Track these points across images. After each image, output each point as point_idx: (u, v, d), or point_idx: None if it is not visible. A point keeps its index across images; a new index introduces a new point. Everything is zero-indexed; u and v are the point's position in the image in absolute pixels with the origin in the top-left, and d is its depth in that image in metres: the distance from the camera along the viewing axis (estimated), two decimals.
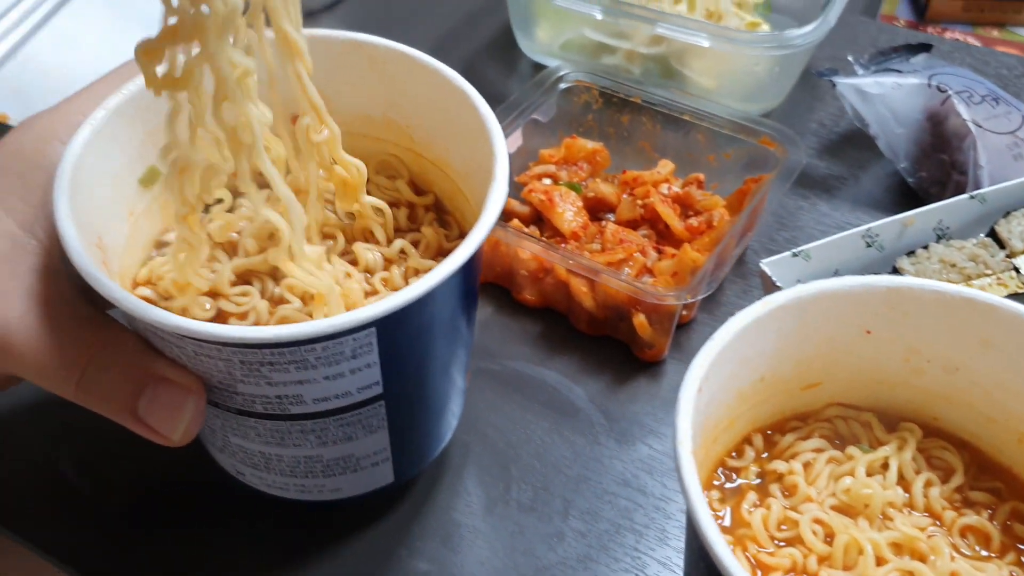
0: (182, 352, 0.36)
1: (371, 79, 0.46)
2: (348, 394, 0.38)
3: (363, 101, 0.46)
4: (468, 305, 0.42)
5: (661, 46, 0.72)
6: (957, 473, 0.40)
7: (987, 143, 0.63)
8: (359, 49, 0.46)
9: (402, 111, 0.47)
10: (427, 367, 0.41)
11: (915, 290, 0.39)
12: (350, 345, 0.36)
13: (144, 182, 0.43)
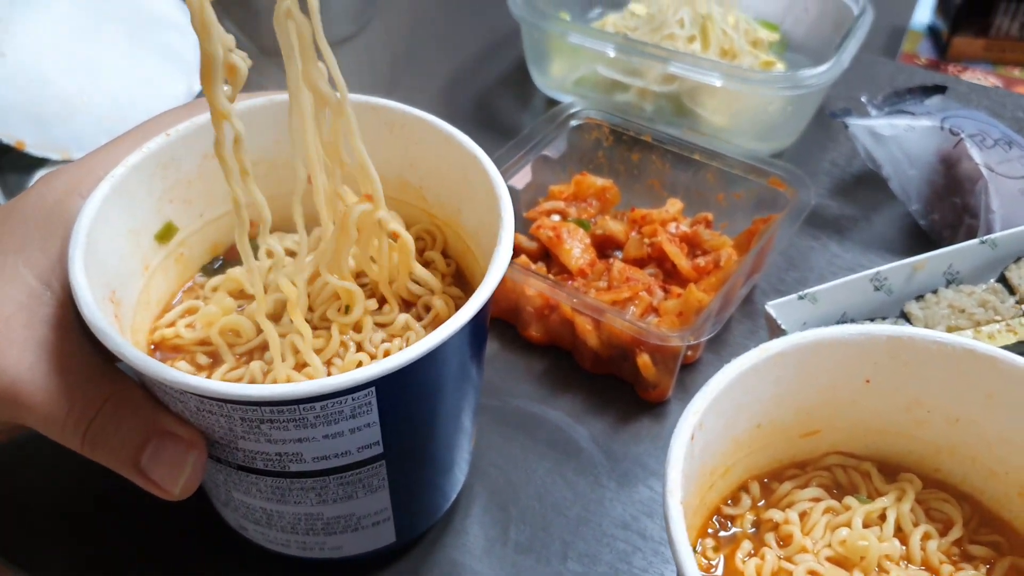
0: (185, 407, 0.37)
1: (388, 142, 0.47)
2: (348, 453, 0.38)
3: (378, 163, 0.45)
4: (474, 362, 0.42)
5: (674, 84, 0.72)
6: (956, 526, 0.39)
7: (999, 187, 0.62)
8: (376, 113, 0.47)
9: (416, 173, 0.48)
10: (430, 426, 0.42)
11: (916, 340, 0.38)
12: (349, 405, 0.36)
13: (160, 238, 0.44)
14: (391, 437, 0.39)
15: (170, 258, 0.45)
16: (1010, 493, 0.39)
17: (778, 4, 0.83)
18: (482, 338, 0.43)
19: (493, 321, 0.61)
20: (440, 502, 0.47)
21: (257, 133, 0.45)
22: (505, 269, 0.39)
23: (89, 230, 0.39)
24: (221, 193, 0.45)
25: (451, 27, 0.92)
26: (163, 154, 0.43)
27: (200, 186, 0.45)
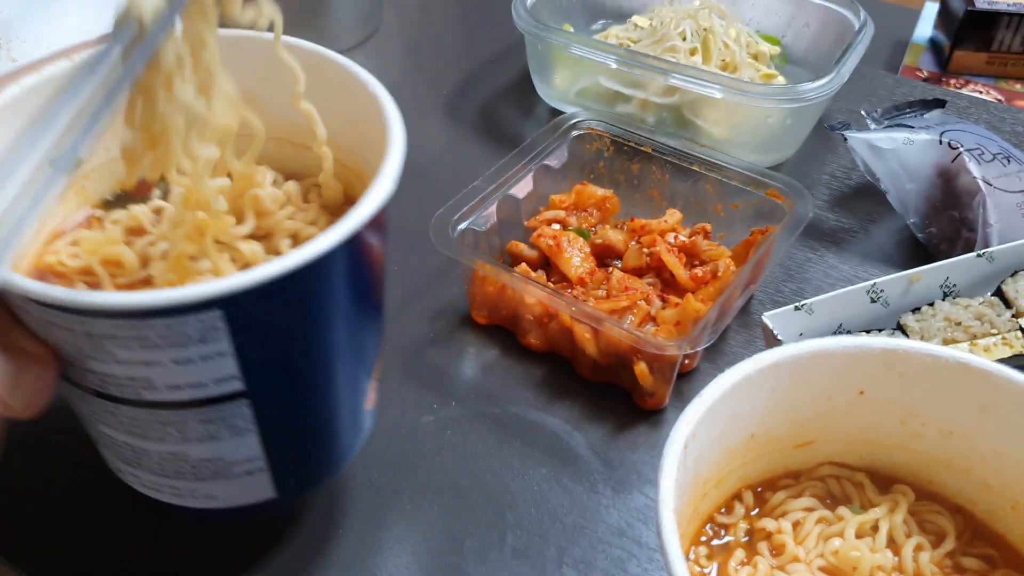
0: (31, 319, 0.34)
1: (284, 81, 0.43)
2: (203, 385, 0.35)
3: (290, 108, 0.43)
4: (360, 300, 0.38)
5: (675, 96, 0.73)
6: (949, 538, 0.39)
7: (997, 201, 0.63)
8: (294, 53, 0.42)
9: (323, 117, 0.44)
10: (303, 367, 0.38)
11: (911, 353, 0.39)
12: (194, 326, 0.33)
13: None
14: (253, 373, 0.35)
15: (69, 189, 0.43)
16: (1004, 506, 0.40)
17: (779, 18, 0.83)
18: (369, 271, 0.39)
19: (493, 328, 0.61)
20: (329, 458, 0.43)
21: None
22: (390, 187, 0.36)
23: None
24: None
25: (456, 37, 0.93)
26: (64, 78, 0.38)
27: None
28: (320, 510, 0.50)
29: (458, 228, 0.59)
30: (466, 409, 0.56)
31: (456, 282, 0.64)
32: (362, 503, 0.51)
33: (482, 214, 0.61)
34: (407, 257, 0.66)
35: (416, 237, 0.59)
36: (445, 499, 0.51)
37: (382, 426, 0.55)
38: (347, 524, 0.50)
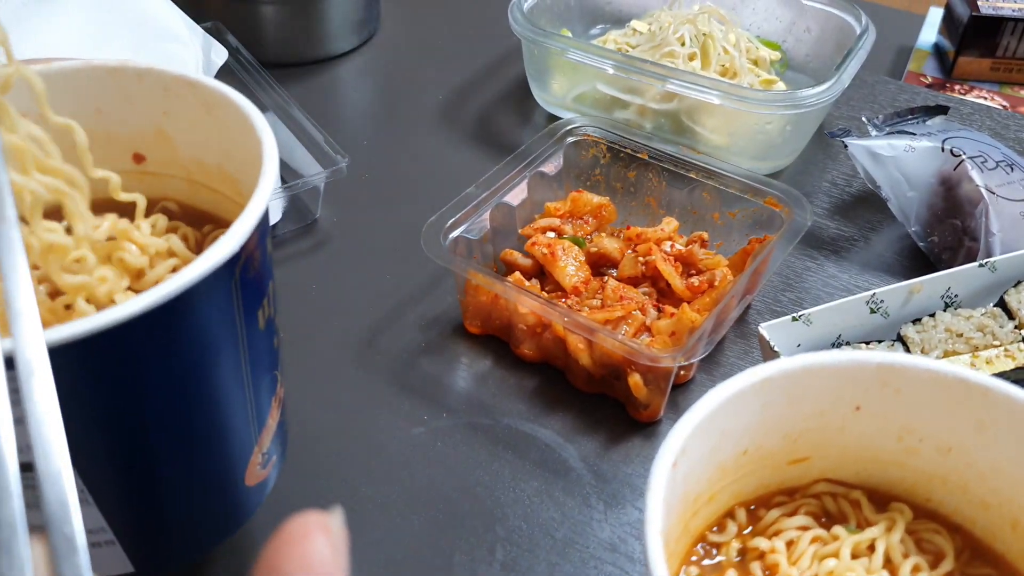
0: None
1: (207, 124, 0.41)
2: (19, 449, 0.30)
3: (200, 146, 0.41)
4: (231, 353, 0.34)
5: (673, 102, 0.72)
6: (947, 558, 0.38)
7: (1000, 210, 0.62)
8: (195, 90, 0.40)
9: (234, 163, 0.42)
10: (136, 440, 0.33)
11: (907, 368, 0.37)
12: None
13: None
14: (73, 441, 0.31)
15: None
16: (1003, 525, 0.39)
17: (780, 23, 0.82)
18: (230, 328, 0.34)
19: (486, 338, 0.60)
20: (190, 540, 0.39)
21: (72, 97, 0.40)
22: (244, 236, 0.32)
23: None
24: None
25: (452, 43, 0.92)
26: None
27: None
28: None
29: (450, 236, 0.58)
30: (457, 420, 0.55)
31: (449, 291, 0.63)
32: (349, 515, 0.50)
33: (475, 222, 0.60)
34: (400, 265, 0.65)
35: (409, 245, 0.58)
36: (434, 512, 0.50)
37: (371, 438, 0.54)
38: None
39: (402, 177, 0.74)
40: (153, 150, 0.44)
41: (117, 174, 0.39)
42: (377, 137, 0.79)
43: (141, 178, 0.45)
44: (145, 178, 0.44)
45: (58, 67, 0.39)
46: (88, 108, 0.42)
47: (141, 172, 0.44)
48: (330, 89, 0.85)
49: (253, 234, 0.33)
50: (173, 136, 0.43)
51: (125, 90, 0.41)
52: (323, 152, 0.67)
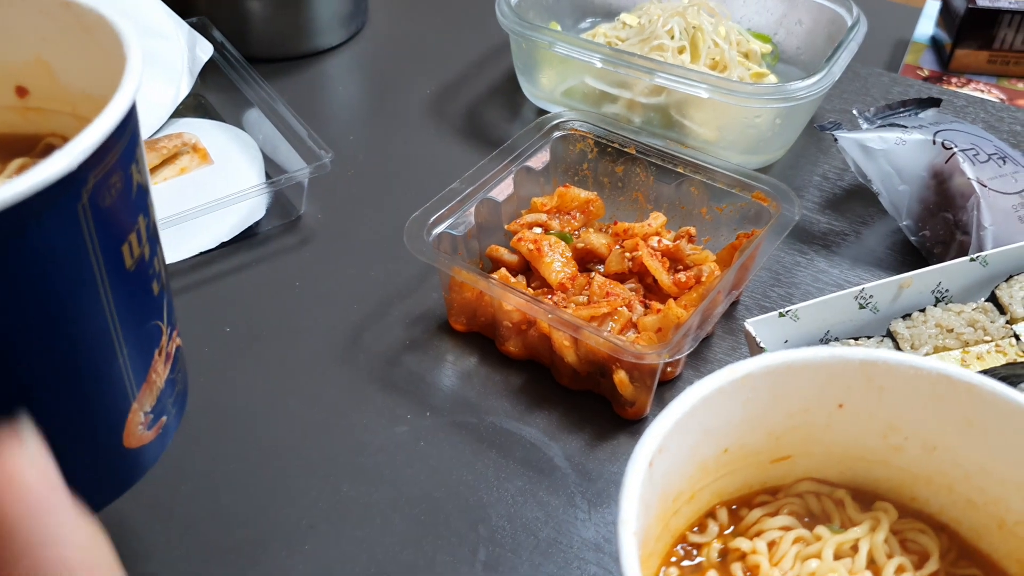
0: None
1: (92, 50, 0.37)
2: None
3: (87, 77, 0.39)
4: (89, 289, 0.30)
5: (661, 96, 0.71)
6: (932, 559, 0.37)
7: (992, 203, 0.61)
8: (66, 10, 0.37)
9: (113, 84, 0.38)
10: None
11: (891, 365, 0.37)
12: None
13: None
14: None
15: None
16: (989, 524, 0.38)
17: (771, 15, 0.81)
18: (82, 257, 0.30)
19: (471, 335, 0.60)
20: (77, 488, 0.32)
21: None
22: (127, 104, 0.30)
23: None
24: None
25: (440, 37, 0.91)
26: None
27: None
28: (285, 522, 0.49)
29: (434, 232, 0.58)
30: (441, 419, 0.55)
31: (434, 287, 0.62)
32: (331, 514, 0.49)
33: (460, 217, 0.60)
34: (385, 262, 0.64)
35: (394, 241, 0.58)
36: (417, 512, 0.50)
37: (354, 436, 0.53)
38: (315, 536, 0.48)
39: (388, 172, 0.74)
40: (35, 81, 0.40)
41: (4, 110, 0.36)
42: (364, 132, 0.79)
43: (25, 114, 0.41)
44: (29, 113, 0.41)
45: None
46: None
47: (25, 107, 0.41)
48: (317, 84, 0.85)
49: (103, 150, 0.29)
50: (54, 65, 0.39)
51: (2, 14, 0.38)
52: (307, 148, 0.67)
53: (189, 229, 0.66)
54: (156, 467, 0.38)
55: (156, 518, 0.49)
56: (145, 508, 0.49)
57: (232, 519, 0.49)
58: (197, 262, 0.65)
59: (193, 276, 0.64)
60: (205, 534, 0.48)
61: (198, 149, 0.73)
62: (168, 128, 0.77)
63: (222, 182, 0.71)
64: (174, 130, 0.76)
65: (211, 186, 0.71)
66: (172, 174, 0.72)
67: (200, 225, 0.66)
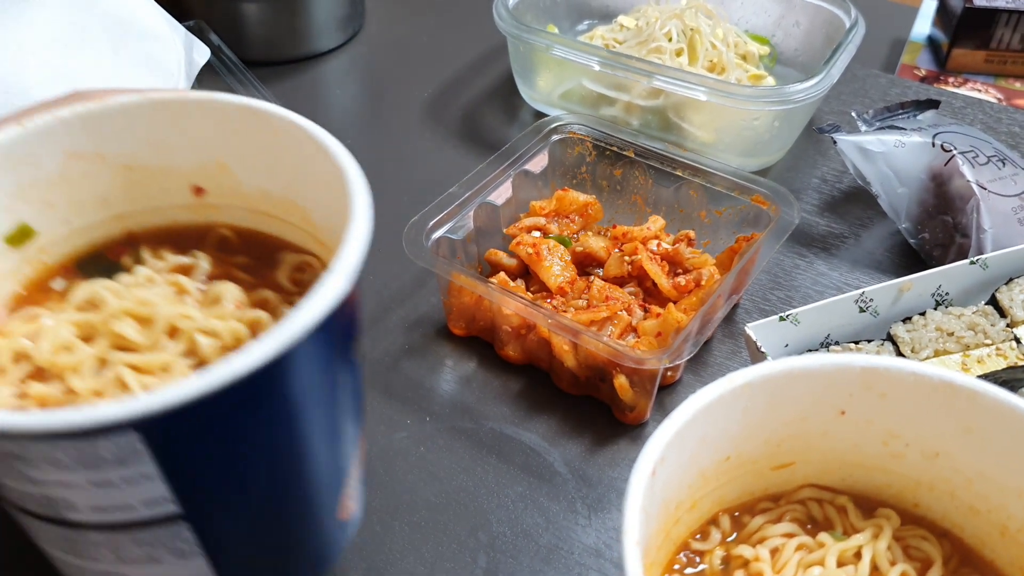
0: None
1: (274, 153, 0.41)
2: (130, 507, 0.31)
3: (265, 176, 0.41)
4: (323, 400, 0.34)
5: (659, 99, 0.71)
6: (935, 566, 0.37)
7: (991, 206, 0.61)
8: (258, 118, 0.40)
9: (301, 191, 0.41)
10: (250, 486, 0.33)
11: (892, 371, 0.37)
12: (109, 449, 0.29)
13: (12, 241, 0.39)
14: (189, 494, 0.31)
15: (26, 265, 0.40)
16: (992, 531, 0.38)
17: (769, 17, 0.81)
18: (327, 372, 0.34)
19: (470, 339, 0.59)
20: (302, 570, 0.39)
21: (127, 131, 0.40)
22: (346, 283, 0.32)
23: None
24: (91, 199, 0.41)
25: (438, 39, 0.91)
26: (15, 146, 0.38)
27: (64, 188, 0.40)
28: None
29: (433, 236, 0.57)
30: (441, 424, 0.54)
31: (433, 291, 0.62)
32: None
33: (459, 221, 0.59)
34: (384, 265, 0.64)
35: (392, 245, 0.57)
36: (416, 519, 0.49)
37: None
38: None
39: (386, 176, 0.73)
40: (213, 182, 0.43)
41: (181, 209, 0.41)
42: (361, 136, 0.78)
43: (199, 210, 0.44)
44: (202, 208, 0.44)
45: (115, 102, 0.39)
46: (144, 141, 0.41)
47: (200, 204, 0.43)
48: (313, 88, 0.84)
49: (353, 285, 0.32)
50: (234, 166, 0.42)
51: (182, 122, 0.40)
52: None
53: None
54: None
55: None
56: None
57: None
58: None
59: None
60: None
61: None
62: None
63: None
64: None
65: None
66: None
67: None
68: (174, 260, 0.41)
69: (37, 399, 0.36)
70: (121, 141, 0.40)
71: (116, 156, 0.40)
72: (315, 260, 0.42)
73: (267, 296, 0.40)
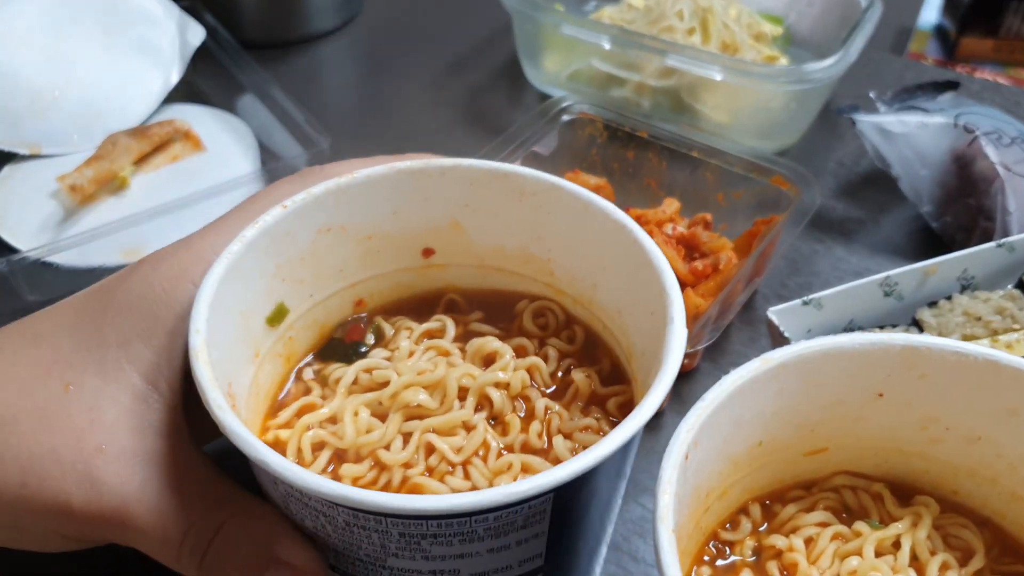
0: (328, 521, 0.32)
1: (515, 211, 0.43)
2: (508, 568, 0.34)
3: (502, 233, 0.43)
4: (623, 476, 0.38)
5: (672, 79, 0.69)
6: (977, 555, 0.35)
7: (1017, 188, 0.59)
8: (505, 180, 0.42)
9: (544, 245, 0.43)
10: (586, 538, 0.37)
11: (934, 351, 0.35)
12: (523, 514, 0.32)
13: (272, 321, 0.40)
14: (553, 547, 0.35)
15: (279, 342, 0.41)
16: None
17: None
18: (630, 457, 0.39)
19: None
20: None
21: (372, 202, 0.41)
22: (683, 350, 0.35)
23: (208, 317, 0.34)
24: (331, 271, 0.42)
25: (441, 19, 0.89)
26: (278, 228, 0.39)
27: (311, 263, 0.41)
28: None
29: None
30: None
31: None
32: None
33: None
34: None
35: None
36: None
37: None
38: None
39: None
40: (444, 243, 0.44)
41: (407, 272, 0.44)
42: (362, 119, 0.76)
43: (425, 272, 0.45)
44: (429, 271, 0.45)
45: (363, 176, 0.41)
46: (385, 211, 0.42)
47: (426, 267, 0.45)
48: (313, 70, 0.82)
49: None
50: (468, 227, 0.43)
51: (425, 190, 0.42)
52: (304, 133, 0.64)
53: (182, 218, 0.63)
54: None
55: None
56: None
57: None
58: None
59: None
60: None
61: (190, 136, 0.71)
62: (159, 115, 0.74)
63: (215, 169, 0.69)
64: (165, 117, 0.74)
65: (204, 174, 0.69)
66: (164, 162, 0.70)
67: (193, 213, 0.64)
68: (421, 327, 0.43)
69: (352, 480, 0.37)
70: (366, 213, 0.41)
71: (359, 227, 0.42)
72: (552, 304, 0.44)
73: (524, 343, 0.42)
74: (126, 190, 0.67)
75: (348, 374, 0.40)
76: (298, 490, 0.30)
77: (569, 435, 0.39)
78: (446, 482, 0.37)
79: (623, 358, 0.41)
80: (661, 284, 0.37)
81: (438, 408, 0.39)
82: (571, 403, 0.40)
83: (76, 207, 0.66)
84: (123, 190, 0.67)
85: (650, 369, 0.36)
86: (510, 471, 0.37)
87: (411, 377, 0.39)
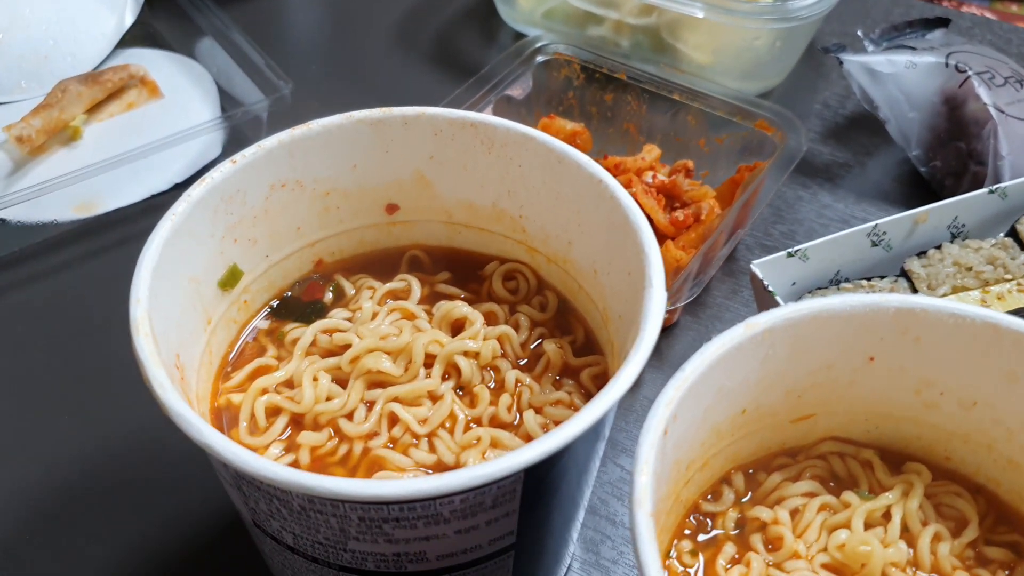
0: (283, 505, 0.30)
1: (483, 163, 0.40)
2: (478, 547, 0.33)
3: (470, 187, 0.41)
4: (601, 444, 0.36)
5: (652, 16, 0.65)
6: (971, 525, 0.34)
7: (1010, 130, 0.56)
8: (473, 129, 0.39)
9: (516, 199, 0.41)
10: (561, 510, 0.36)
11: (930, 313, 0.33)
12: (492, 495, 0.30)
13: (224, 284, 0.38)
14: (526, 523, 0.33)
15: (234, 307, 0.39)
16: None
17: None
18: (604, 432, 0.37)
19: None
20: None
21: (329, 155, 0.39)
22: (662, 319, 0.32)
23: (151, 284, 0.32)
24: (287, 230, 0.40)
25: None
26: (228, 185, 0.37)
27: (266, 222, 0.39)
28: None
29: None
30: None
31: None
32: None
33: None
34: None
35: None
36: None
37: None
38: None
39: (354, 104, 0.67)
40: (408, 198, 0.42)
41: (370, 228, 0.42)
42: (327, 62, 0.73)
43: (389, 230, 0.43)
44: (394, 229, 0.43)
45: (318, 126, 0.38)
46: (344, 164, 0.40)
47: (390, 223, 0.43)
48: (274, 11, 0.78)
49: None
50: (434, 181, 0.41)
51: (386, 141, 0.40)
52: (265, 78, 0.61)
53: (139, 170, 0.60)
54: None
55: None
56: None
57: None
58: (148, 206, 0.59)
59: (144, 222, 0.58)
60: None
61: (146, 82, 0.68)
62: (113, 60, 0.71)
63: (174, 117, 0.66)
64: (119, 61, 0.70)
65: (162, 122, 0.66)
66: (119, 110, 0.67)
67: (151, 165, 0.61)
68: (384, 287, 0.41)
69: (311, 449, 0.36)
70: (323, 166, 0.39)
71: (316, 182, 0.40)
72: (523, 267, 0.42)
73: (494, 309, 0.40)
74: (78, 140, 0.64)
75: (306, 335, 0.38)
76: (248, 475, 0.28)
77: (540, 409, 0.37)
78: (410, 455, 0.35)
79: (599, 323, 0.39)
80: (639, 243, 0.35)
81: (402, 375, 0.37)
82: (542, 375, 0.38)
83: (25, 159, 0.62)
84: (75, 140, 0.64)
85: (627, 335, 0.33)
86: (478, 445, 0.35)
87: (374, 341, 0.37)
